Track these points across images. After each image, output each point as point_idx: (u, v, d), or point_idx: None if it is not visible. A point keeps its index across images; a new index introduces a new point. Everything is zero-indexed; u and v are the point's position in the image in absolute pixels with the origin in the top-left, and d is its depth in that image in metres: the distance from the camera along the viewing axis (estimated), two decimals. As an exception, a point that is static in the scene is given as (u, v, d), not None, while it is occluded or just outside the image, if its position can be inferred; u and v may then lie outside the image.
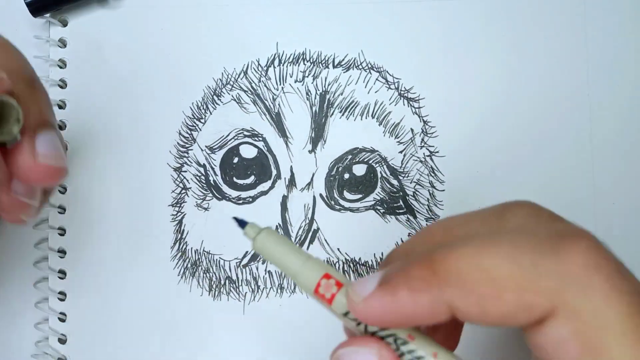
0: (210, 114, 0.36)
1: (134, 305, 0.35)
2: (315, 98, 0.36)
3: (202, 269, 0.35)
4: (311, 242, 0.35)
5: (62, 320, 0.35)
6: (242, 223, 0.22)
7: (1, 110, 0.21)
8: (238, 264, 0.35)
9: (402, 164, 0.36)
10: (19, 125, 0.22)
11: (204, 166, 0.35)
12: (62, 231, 0.35)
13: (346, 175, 0.35)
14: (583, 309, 0.17)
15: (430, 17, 0.36)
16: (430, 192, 0.35)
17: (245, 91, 0.36)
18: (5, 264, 0.35)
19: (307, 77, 0.36)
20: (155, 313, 0.35)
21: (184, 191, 0.35)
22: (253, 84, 0.36)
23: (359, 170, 0.35)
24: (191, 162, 0.35)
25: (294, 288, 0.35)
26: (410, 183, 0.35)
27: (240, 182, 0.35)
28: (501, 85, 0.36)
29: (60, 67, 0.35)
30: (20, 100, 0.21)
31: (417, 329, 0.21)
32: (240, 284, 0.35)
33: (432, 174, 0.36)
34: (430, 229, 0.23)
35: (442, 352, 0.20)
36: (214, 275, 0.35)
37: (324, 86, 0.36)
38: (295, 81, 0.36)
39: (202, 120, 0.36)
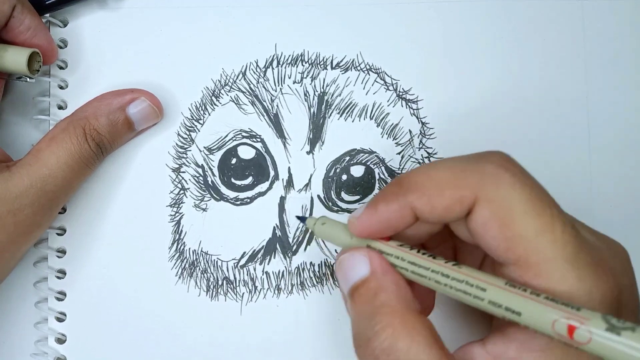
0: (209, 115, 0.36)
1: (132, 305, 0.35)
2: (313, 99, 0.36)
3: (199, 269, 0.35)
4: (308, 243, 0.35)
5: (61, 320, 0.35)
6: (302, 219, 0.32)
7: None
8: (236, 264, 0.35)
9: (400, 165, 0.36)
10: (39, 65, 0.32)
11: (202, 167, 0.36)
12: (62, 231, 0.35)
13: (344, 177, 0.35)
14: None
15: (430, 18, 0.36)
16: (428, 193, 0.35)
17: (243, 92, 0.36)
18: (5, 263, 0.35)
19: (306, 78, 0.36)
20: (153, 313, 0.35)
21: (182, 192, 0.35)
22: (251, 85, 0.36)
23: (357, 171, 0.35)
24: (189, 163, 0.36)
25: (291, 289, 0.35)
26: (408, 184, 0.35)
27: (238, 183, 0.36)
28: (499, 87, 0.36)
29: (61, 67, 0.36)
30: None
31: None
32: (237, 284, 0.35)
33: (430, 176, 0.35)
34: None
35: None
36: (211, 275, 0.35)
37: (322, 87, 0.36)
38: (294, 82, 0.36)
39: (201, 122, 0.36)
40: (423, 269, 0.25)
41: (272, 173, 0.35)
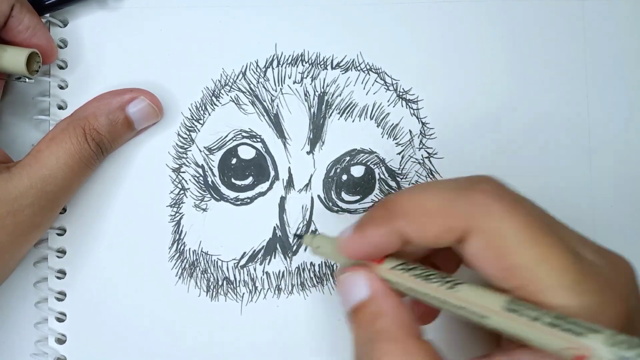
0: (209, 115, 0.36)
1: (132, 305, 0.35)
2: (313, 99, 0.36)
3: (200, 269, 0.35)
4: (309, 243, 0.35)
5: (61, 320, 0.35)
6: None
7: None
8: (236, 264, 0.35)
9: (400, 165, 0.36)
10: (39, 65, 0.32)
11: (202, 167, 0.36)
12: (62, 231, 0.35)
13: (344, 177, 0.35)
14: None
15: (430, 18, 0.36)
16: (429, 193, 0.35)
17: (243, 92, 0.36)
18: (5, 263, 0.35)
19: (306, 78, 0.36)
20: (153, 313, 0.35)
21: (182, 192, 0.35)
22: (252, 85, 0.36)
23: (357, 171, 0.35)
24: (190, 163, 0.36)
25: (292, 289, 0.35)
26: (409, 185, 0.35)
27: (239, 183, 0.35)
28: (499, 88, 0.36)
29: (61, 67, 0.36)
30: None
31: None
32: (237, 284, 0.35)
33: (430, 176, 0.35)
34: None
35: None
36: (211, 276, 0.35)
37: (323, 87, 0.36)
38: (294, 82, 0.36)
39: (201, 122, 0.36)
40: (420, 294, 0.24)
41: (272, 173, 0.35)
